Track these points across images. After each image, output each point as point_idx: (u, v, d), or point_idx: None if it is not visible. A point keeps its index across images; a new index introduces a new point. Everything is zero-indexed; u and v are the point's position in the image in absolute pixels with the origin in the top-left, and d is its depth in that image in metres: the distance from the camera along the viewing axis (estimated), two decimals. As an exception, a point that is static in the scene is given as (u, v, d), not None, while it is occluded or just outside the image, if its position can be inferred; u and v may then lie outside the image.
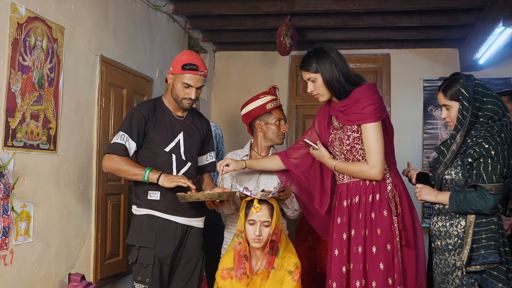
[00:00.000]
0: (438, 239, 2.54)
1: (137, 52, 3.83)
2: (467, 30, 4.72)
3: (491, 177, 2.34)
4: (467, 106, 2.44)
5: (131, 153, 2.77)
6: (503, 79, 5.10)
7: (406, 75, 5.33)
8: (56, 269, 2.87)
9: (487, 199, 2.34)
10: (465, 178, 2.43)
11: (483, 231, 2.39)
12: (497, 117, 2.44)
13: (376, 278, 2.50)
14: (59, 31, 2.86)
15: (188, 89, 2.77)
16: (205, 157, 3.03)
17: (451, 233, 2.47)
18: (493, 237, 2.37)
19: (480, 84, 2.49)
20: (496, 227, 2.40)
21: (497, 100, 2.47)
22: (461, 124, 2.46)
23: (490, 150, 2.35)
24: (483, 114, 2.44)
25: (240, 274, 2.60)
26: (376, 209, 2.56)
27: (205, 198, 2.63)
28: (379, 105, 2.57)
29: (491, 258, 2.34)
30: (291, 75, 5.61)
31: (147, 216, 2.78)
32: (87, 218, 3.19)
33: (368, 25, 4.65)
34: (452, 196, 2.45)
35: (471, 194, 2.38)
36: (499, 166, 2.34)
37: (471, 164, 2.40)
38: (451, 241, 2.47)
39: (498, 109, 2.45)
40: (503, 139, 2.38)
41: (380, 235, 2.53)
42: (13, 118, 2.51)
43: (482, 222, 2.40)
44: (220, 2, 4.42)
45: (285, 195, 2.82)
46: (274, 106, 3.09)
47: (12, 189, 2.48)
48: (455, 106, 2.50)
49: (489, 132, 2.39)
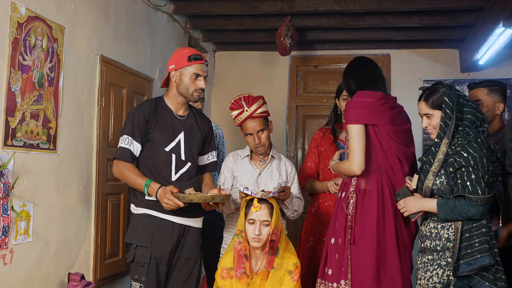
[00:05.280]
0: (428, 240, 2.56)
1: (137, 52, 3.83)
2: (467, 30, 4.72)
3: (475, 186, 2.38)
4: (450, 114, 2.48)
5: (137, 154, 2.80)
6: (504, 80, 5.02)
7: (406, 75, 5.33)
8: (56, 269, 2.87)
9: (477, 206, 2.38)
10: (450, 187, 2.46)
11: (475, 236, 2.41)
12: (473, 126, 2.49)
13: (332, 267, 2.79)
14: (59, 30, 2.86)
15: (198, 79, 2.81)
16: (206, 157, 3.03)
17: (442, 235, 2.49)
18: (486, 240, 2.40)
19: (461, 95, 2.55)
20: (487, 230, 2.43)
21: (475, 111, 2.53)
22: (444, 132, 2.50)
23: (469, 159, 2.39)
24: (462, 123, 2.50)
25: (240, 274, 2.60)
26: (340, 205, 2.83)
27: (198, 200, 2.63)
28: (353, 109, 2.76)
29: (486, 261, 2.36)
30: (291, 75, 5.60)
31: (144, 215, 2.79)
32: (87, 218, 3.19)
33: (368, 25, 4.65)
34: (440, 203, 2.47)
35: (460, 202, 2.41)
36: (480, 174, 2.38)
37: (453, 173, 2.44)
38: (440, 243, 2.49)
39: (476, 120, 2.51)
40: (480, 144, 2.42)
41: (336, 228, 2.81)
42: (13, 117, 2.51)
43: (473, 227, 2.42)
44: (220, 2, 4.41)
45: (285, 195, 2.82)
46: (242, 120, 2.99)
47: (11, 189, 2.48)
48: (437, 115, 2.54)
49: (466, 139, 2.44)
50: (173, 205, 2.60)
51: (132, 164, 2.78)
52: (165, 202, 2.61)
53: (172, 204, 2.60)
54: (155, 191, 2.66)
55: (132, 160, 2.79)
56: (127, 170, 2.75)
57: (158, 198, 2.65)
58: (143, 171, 2.79)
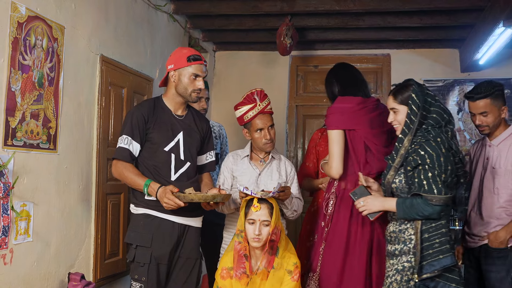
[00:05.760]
0: (389, 244, 2.56)
1: (137, 52, 3.83)
2: (468, 30, 4.72)
3: (431, 185, 2.36)
4: (416, 111, 2.48)
5: (136, 154, 2.80)
6: (504, 80, 5.09)
7: (407, 75, 5.22)
8: (56, 269, 2.87)
9: (432, 206, 2.36)
10: (408, 185, 2.45)
11: (435, 236, 2.39)
12: (437, 126, 2.47)
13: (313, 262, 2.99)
14: (59, 30, 2.86)
15: (196, 80, 2.81)
16: (204, 157, 3.03)
17: (400, 238, 2.48)
18: (446, 240, 2.38)
19: (430, 94, 2.54)
20: (447, 230, 2.41)
21: (442, 112, 2.51)
22: (408, 128, 2.50)
23: (426, 158, 2.37)
24: (427, 122, 2.49)
25: (240, 274, 2.60)
26: (322, 205, 2.99)
27: (198, 199, 2.63)
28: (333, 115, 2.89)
29: (449, 261, 2.35)
30: (291, 75, 5.61)
31: (144, 215, 2.79)
32: (87, 218, 3.19)
33: (368, 25, 4.65)
34: (399, 202, 2.46)
35: (417, 201, 2.39)
36: (436, 172, 2.36)
37: (411, 171, 2.43)
38: (399, 247, 2.47)
39: (441, 120, 2.49)
40: (439, 143, 2.40)
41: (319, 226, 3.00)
42: (13, 117, 2.51)
43: (432, 227, 2.40)
44: (220, 2, 4.42)
45: (285, 195, 2.82)
46: (253, 115, 2.98)
47: (12, 188, 2.48)
48: (403, 111, 2.54)
49: (425, 137, 2.43)
50: (174, 205, 2.60)
51: (131, 164, 2.78)
52: (165, 202, 2.61)
53: (173, 203, 2.60)
54: (155, 191, 2.66)
55: (132, 160, 2.79)
56: (126, 170, 2.75)
57: (158, 198, 2.65)
58: (142, 171, 2.79)
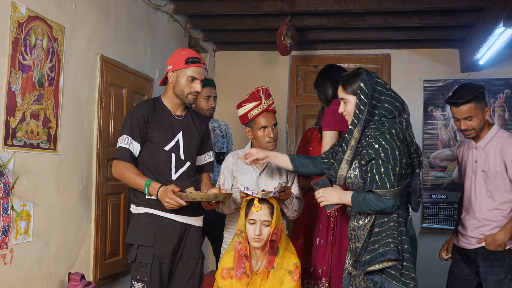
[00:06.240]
0: (351, 242, 2.56)
1: (138, 52, 3.83)
2: (468, 30, 4.72)
3: (384, 180, 2.33)
4: (365, 101, 2.42)
5: (137, 154, 2.80)
6: (503, 80, 5.10)
7: (407, 75, 5.33)
8: (56, 269, 2.87)
9: (384, 201, 2.35)
10: (363, 180, 2.43)
11: (384, 230, 2.38)
12: (390, 116, 2.42)
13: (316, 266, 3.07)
14: (59, 30, 2.85)
15: (194, 82, 2.81)
16: (203, 157, 3.04)
17: (359, 236, 2.47)
18: (392, 234, 2.35)
19: (381, 82, 2.48)
20: (396, 224, 2.38)
21: (394, 101, 2.45)
22: (358, 119, 2.44)
23: (380, 152, 2.34)
24: (378, 113, 2.43)
25: (240, 274, 2.60)
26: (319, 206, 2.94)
27: (201, 198, 2.63)
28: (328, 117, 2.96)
29: (388, 255, 2.31)
30: (292, 75, 5.61)
31: (145, 214, 2.78)
32: (87, 218, 3.19)
33: (368, 25, 4.65)
34: (353, 196, 2.45)
35: (370, 196, 2.38)
36: (390, 166, 2.33)
37: (365, 165, 2.40)
38: (359, 245, 2.46)
39: (394, 109, 2.44)
40: (393, 136, 2.35)
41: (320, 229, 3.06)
42: (13, 117, 2.51)
43: (384, 222, 2.39)
44: (220, 2, 4.41)
45: (286, 195, 2.82)
46: (257, 113, 2.98)
47: (12, 188, 2.48)
48: (352, 100, 2.49)
49: (379, 130, 2.37)
50: (175, 204, 2.60)
51: (132, 164, 2.78)
52: (166, 201, 2.61)
53: (174, 203, 2.60)
54: (156, 191, 2.66)
55: (132, 160, 2.79)
56: (127, 170, 2.75)
57: (159, 197, 2.65)
58: (142, 170, 2.79)
